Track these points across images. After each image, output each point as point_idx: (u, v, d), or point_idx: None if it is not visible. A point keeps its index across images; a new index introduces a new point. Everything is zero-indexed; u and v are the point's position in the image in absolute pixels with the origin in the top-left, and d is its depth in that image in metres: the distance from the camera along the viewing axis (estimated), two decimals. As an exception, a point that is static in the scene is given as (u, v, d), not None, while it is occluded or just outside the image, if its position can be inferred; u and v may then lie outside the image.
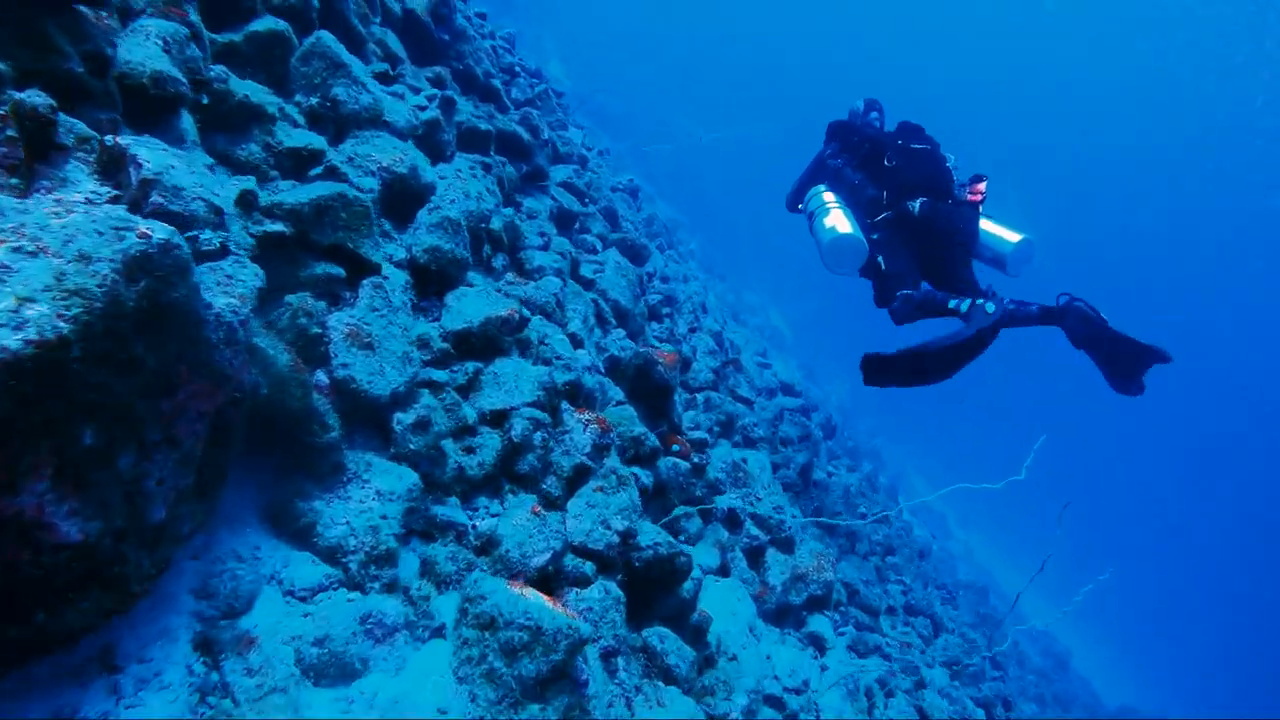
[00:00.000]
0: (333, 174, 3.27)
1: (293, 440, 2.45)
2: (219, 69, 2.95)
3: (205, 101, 2.93)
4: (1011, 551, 28.01)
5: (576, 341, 4.28)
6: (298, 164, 3.25)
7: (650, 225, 11.27)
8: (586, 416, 3.62)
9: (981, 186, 5.01)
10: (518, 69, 7.99)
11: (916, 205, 4.97)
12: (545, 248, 5.15)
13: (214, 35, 3.51)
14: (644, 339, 6.23)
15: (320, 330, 2.64)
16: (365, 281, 2.83)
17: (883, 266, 5.08)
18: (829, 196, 5.34)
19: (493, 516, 3.16)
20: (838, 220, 5.10)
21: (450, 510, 2.97)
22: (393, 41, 5.08)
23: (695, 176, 27.06)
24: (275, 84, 3.71)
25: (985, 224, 5.03)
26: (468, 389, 3.37)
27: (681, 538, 4.76)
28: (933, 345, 4.23)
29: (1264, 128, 46.11)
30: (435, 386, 3.14)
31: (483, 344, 3.43)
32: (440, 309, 3.50)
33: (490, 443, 3.25)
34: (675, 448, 4.85)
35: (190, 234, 2.06)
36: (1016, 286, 5.21)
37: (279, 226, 2.64)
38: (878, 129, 5.86)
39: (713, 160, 30.25)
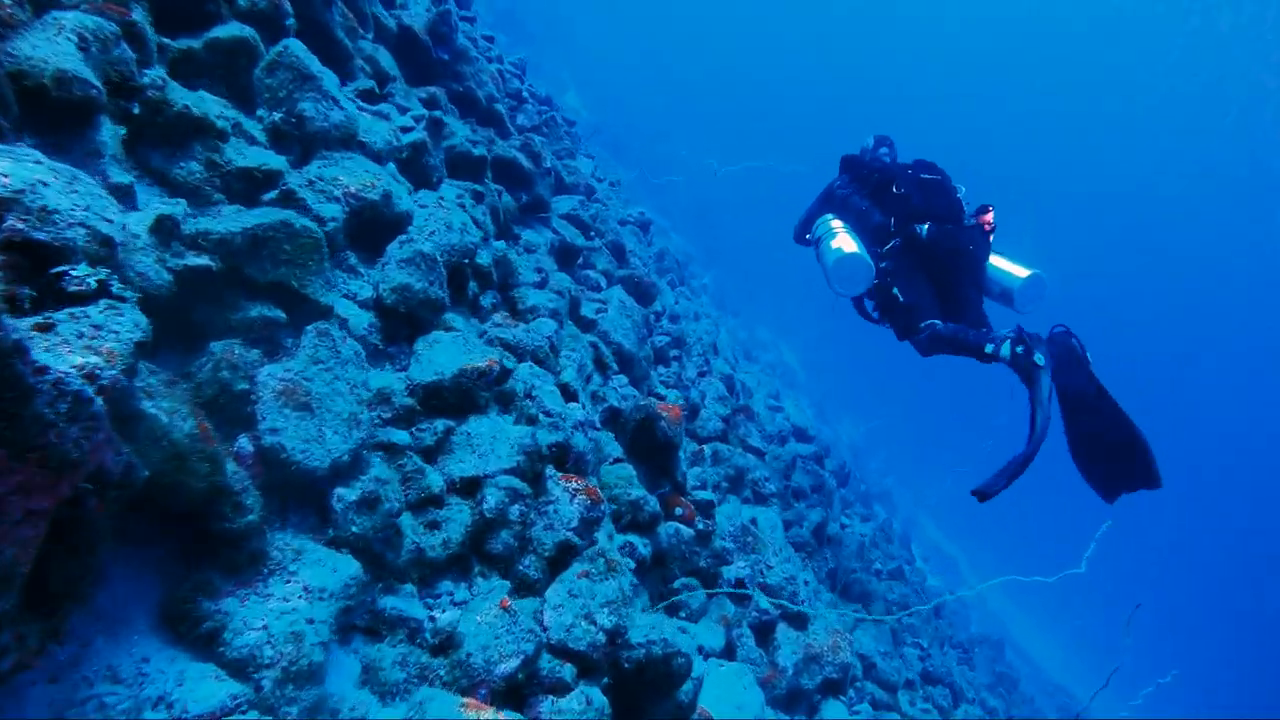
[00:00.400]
0: (288, 199, 2.83)
1: (199, 524, 1.97)
2: (155, 74, 2.53)
3: (136, 111, 2.51)
4: (1022, 594, 27.42)
5: (569, 394, 3.81)
6: (250, 186, 2.81)
7: (661, 260, 10.86)
8: (575, 485, 3.13)
9: (989, 217, 4.88)
10: (525, 94, 7.64)
11: (924, 229, 4.86)
12: (542, 285, 4.71)
13: (168, 40, 3.12)
14: (649, 385, 5.75)
15: (247, 386, 2.18)
16: (309, 328, 2.37)
17: (900, 299, 4.93)
18: (836, 223, 5.25)
19: (456, 605, 2.67)
20: (844, 241, 5.01)
21: (403, 601, 2.48)
22: (384, 59, 4.69)
23: (710, 210, 26.84)
24: (239, 97, 3.30)
25: (995, 259, 4.87)
26: (436, 451, 2.89)
27: (682, 614, 4.24)
28: (1029, 456, 3.95)
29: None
30: (393, 451, 2.67)
31: (456, 399, 2.96)
32: (409, 357, 3.04)
33: (459, 516, 2.77)
34: (679, 511, 4.35)
35: (58, 269, 1.62)
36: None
37: (203, 260, 2.19)
38: (888, 162, 5.73)
39: (729, 193, 30.08)
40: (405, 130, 3.97)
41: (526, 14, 22.56)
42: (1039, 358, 4.08)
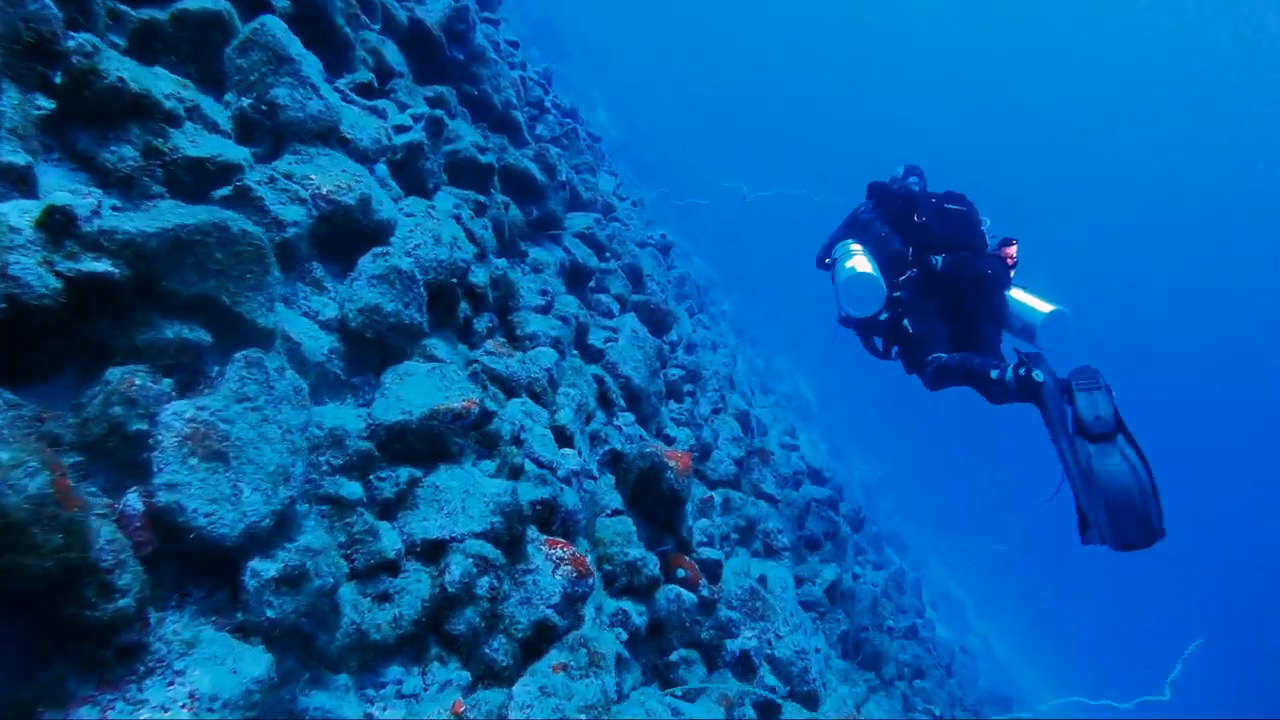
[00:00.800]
0: (243, 197, 2.41)
1: (53, 609, 1.52)
2: (84, 38, 2.11)
3: (58, 80, 2.10)
4: (1029, 639, 27.03)
5: (564, 437, 3.34)
6: (200, 180, 2.39)
7: (681, 285, 10.42)
8: (560, 552, 2.66)
9: (1012, 250, 4.76)
10: (548, 105, 7.25)
11: (939, 260, 4.74)
12: (546, 309, 4.26)
13: (127, 8, 2.72)
14: (658, 422, 5.28)
15: (146, 426, 1.73)
16: (237, 356, 1.92)
17: (910, 330, 4.86)
18: (856, 247, 5.16)
19: (403, 698, 2.19)
20: (858, 262, 4.96)
21: (332, 699, 2.01)
22: (391, 53, 4.30)
23: (736, 235, 26.57)
24: (210, 80, 2.90)
25: (1017, 293, 4.73)
26: (396, 505, 2.43)
27: (679, 690, 3.74)
28: (1079, 488, 3.76)
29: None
30: (341, 506, 2.21)
31: (424, 445, 2.50)
32: (374, 391, 2.59)
33: (416, 587, 2.30)
34: (681, 573, 3.86)
35: None
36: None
37: (104, 265, 1.75)
38: (915, 190, 5.61)
39: (756, 218, 29.82)
40: (401, 129, 3.55)
41: (562, 28, 22.44)
42: (1038, 374, 3.93)
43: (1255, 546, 44.35)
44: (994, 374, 4.22)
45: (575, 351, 4.42)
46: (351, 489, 2.25)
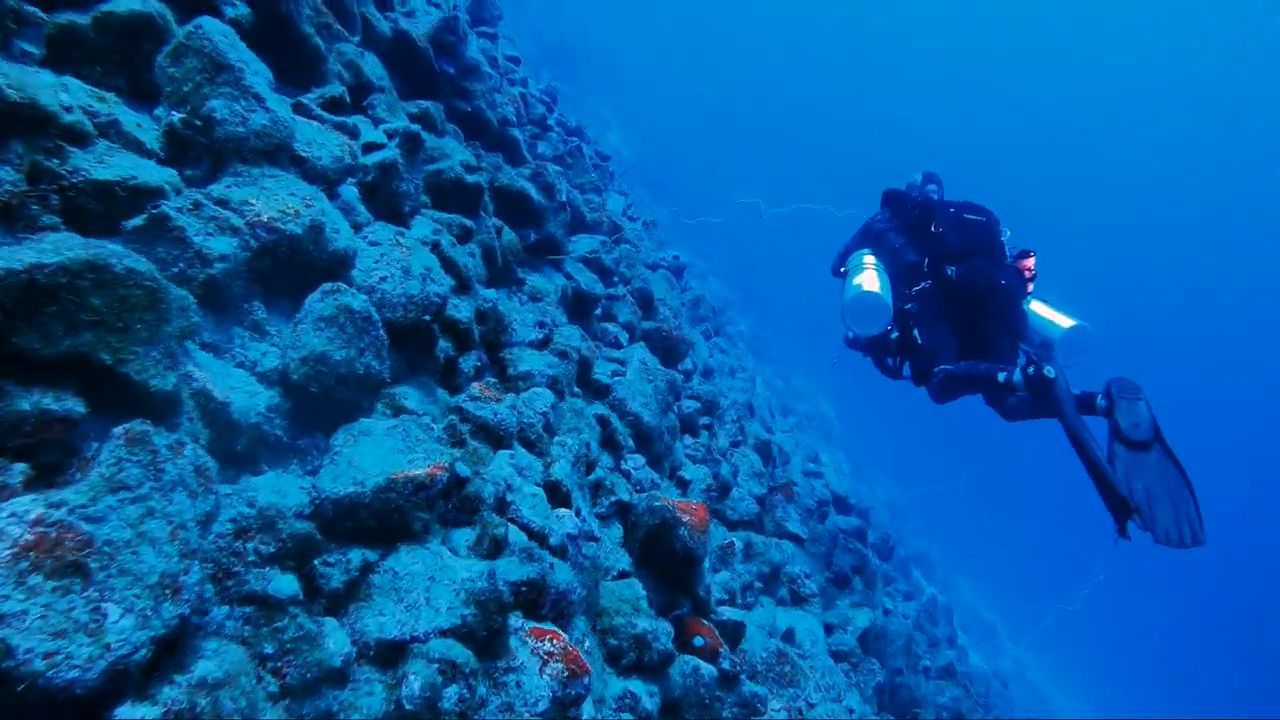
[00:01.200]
0: (159, 226, 2.00)
1: None
2: (-54, 38, 1.72)
3: (-87, 90, 1.71)
4: (1061, 663, 26.48)
5: (560, 495, 2.89)
6: (110, 208, 1.99)
7: (696, 308, 9.99)
8: (549, 645, 2.20)
9: (1029, 262, 4.67)
10: (552, 123, 6.86)
11: (954, 271, 4.61)
12: (544, 343, 3.83)
13: (38, 10, 2.35)
14: (672, 461, 4.82)
15: (-24, 536, 1.31)
16: (116, 432, 1.49)
17: (919, 341, 4.72)
18: (869, 259, 4.99)
19: None
20: (865, 279, 4.86)
21: None
22: (371, 66, 3.91)
23: (750, 251, 26.28)
24: (144, 94, 2.52)
25: (1038, 307, 4.65)
26: (346, 597, 1.99)
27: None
28: (1104, 488, 3.63)
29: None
30: (269, 608, 1.77)
31: (379, 521, 2.06)
32: (322, 456, 2.16)
33: (367, 702, 1.86)
34: (698, 641, 3.38)
35: None
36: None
37: (-75, 322, 1.34)
38: (933, 199, 5.37)
39: (772, 235, 29.54)
40: (373, 147, 3.14)
41: (575, 51, 22.30)
42: (1049, 370, 3.88)
43: (1255, 546, 44.15)
44: (1001, 376, 4.12)
45: (578, 390, 3.99)
46: (282, 585, 1.82)
